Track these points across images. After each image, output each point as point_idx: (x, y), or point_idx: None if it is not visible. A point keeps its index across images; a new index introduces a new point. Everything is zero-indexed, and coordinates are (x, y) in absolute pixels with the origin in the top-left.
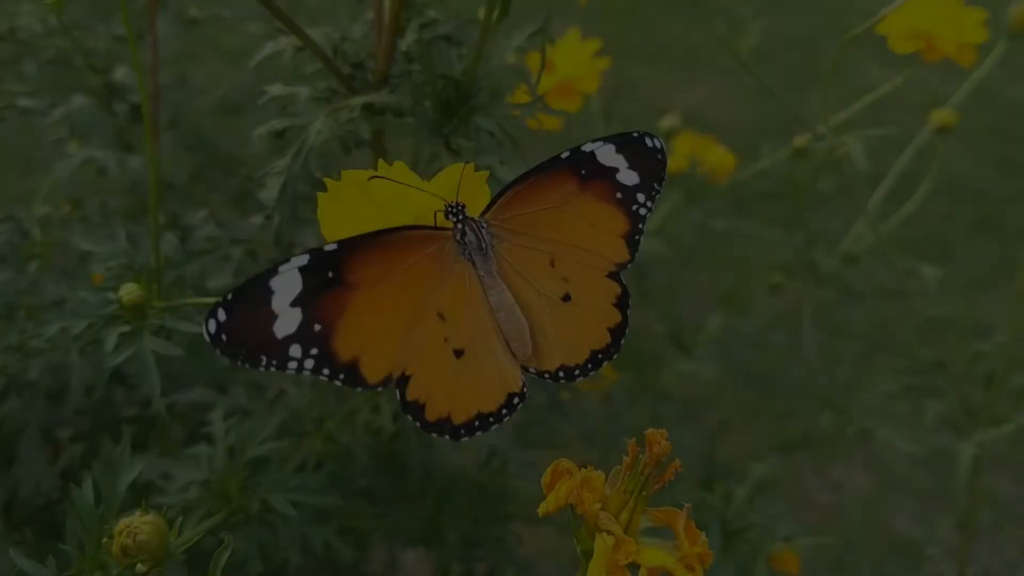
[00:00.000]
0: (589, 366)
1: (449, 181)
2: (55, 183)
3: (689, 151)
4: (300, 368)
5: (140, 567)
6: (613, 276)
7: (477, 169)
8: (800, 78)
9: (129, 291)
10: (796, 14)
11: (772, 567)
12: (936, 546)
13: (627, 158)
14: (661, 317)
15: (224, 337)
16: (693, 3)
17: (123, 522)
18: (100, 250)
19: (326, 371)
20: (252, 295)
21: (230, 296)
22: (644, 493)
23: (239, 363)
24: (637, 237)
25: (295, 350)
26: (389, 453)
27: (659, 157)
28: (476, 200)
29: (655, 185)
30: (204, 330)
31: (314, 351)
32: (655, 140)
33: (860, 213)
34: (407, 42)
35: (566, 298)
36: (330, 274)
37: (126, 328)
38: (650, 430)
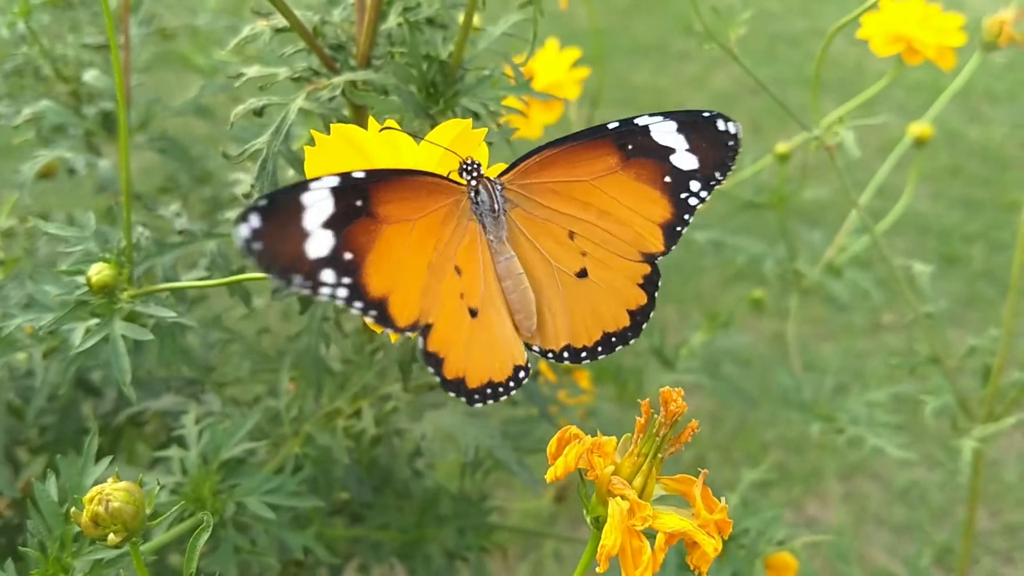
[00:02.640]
0: (599, 349)
1: (444, 137)
2: (22, 184)
3: None
4: (333, 295)
5: (112, 538)
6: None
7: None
8: (764, 122)
9: (99, 270)
10: (758, 63)
11: (771, 575)
12: None
13: (688, 139)
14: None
15: (257, 246)
16: (658, 50)
17: (94, 489)
18: (67, 235)
19: (358, 304)
20: (284, 207)
21: (263, 202)
22: (660, 456)
23: (274, 277)
24: (679, 228)
25: (328, 275)
26: (370, 461)
27: (730, 144)
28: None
29: (716, 174)
30: (236, 235)
31: (346, 280)
32: (729, 123)
33: (841, 223)
34: (390, 24)
35: (581, 274)
36: (359, 202)
37: (94, 321)
38: (665, 387)
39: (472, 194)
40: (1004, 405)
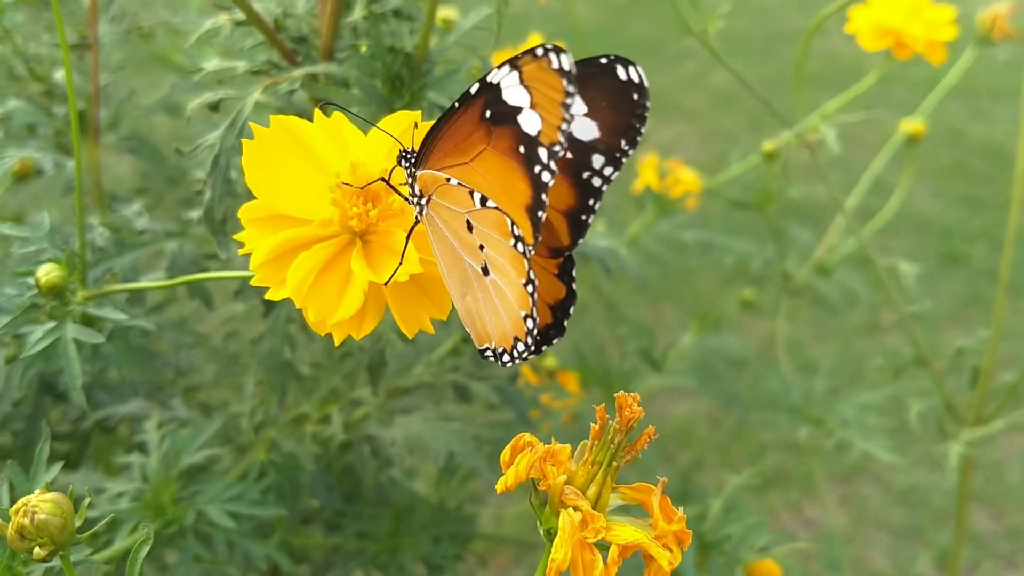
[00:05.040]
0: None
1: (391, 130)
2: None
3: (657, 166)
4: None
5: (38, 551)
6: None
7: None
8: (763, 120)
9: (47, 271)
10: (757, 60)
11: None
12: None
13: (581, 97)
14: (632, 334)
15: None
16: (656, 49)
17: (20, 501)
18: (20, 234)
19: None
20: None
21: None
22: (615, 464)
23: None
24: (584, 217)
25: None
26: (341, 470)
27: (636, 98)
28: None
29: (622, 143)
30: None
31: None
32: (631, 69)
33: (831, 223)
34: (355, 17)
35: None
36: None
37: (51, 324)
38: (620, 392)
39: (410, 181)
40: (994, 407)
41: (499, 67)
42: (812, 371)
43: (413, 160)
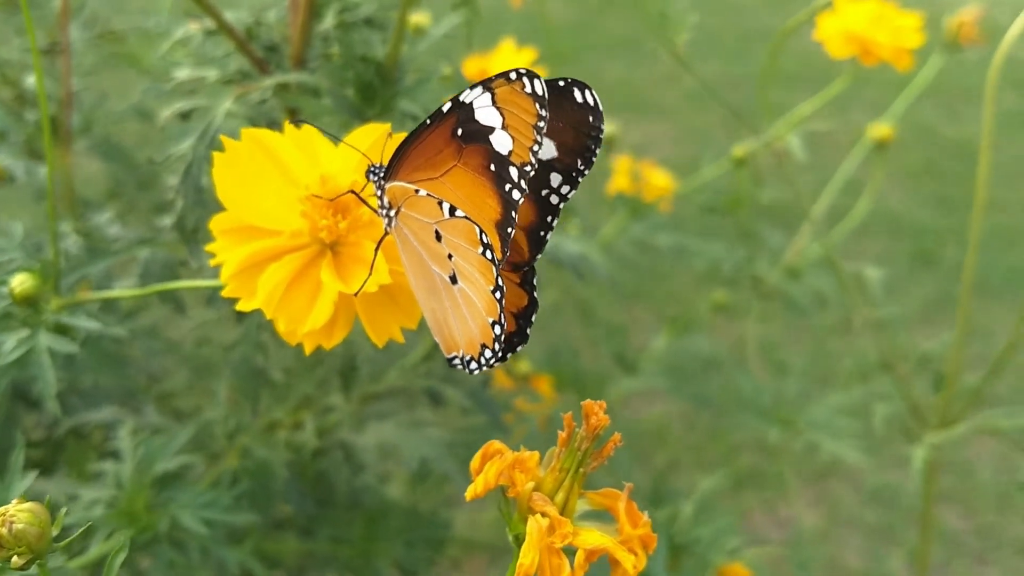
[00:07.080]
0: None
1: (361, 143)
2: None
3: (630, 170)
4: None
5: (16, 560)
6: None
7: None
8: (734, 120)
9: (21, 281)
10: (730, 59)
11: None
12: None
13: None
14: (605, 336)
15: None
16: (631, 47)
17: None
18: None
19: None
20: None
21: None
22: (581, 471)
23: None
24: (543, 233)
25: None
26: (314, 476)
27: (591, 120)
28: None
29: (578, 163)
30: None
31: None
32: (587, 92)
33: (802, 226)
34: (326, 25)
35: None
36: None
37: (24, 332)
38: (587, 400)
39: (379, 195)
40: (959, 408)
41: (472, 88)
42: (784, 372)
43: (382, 174)
